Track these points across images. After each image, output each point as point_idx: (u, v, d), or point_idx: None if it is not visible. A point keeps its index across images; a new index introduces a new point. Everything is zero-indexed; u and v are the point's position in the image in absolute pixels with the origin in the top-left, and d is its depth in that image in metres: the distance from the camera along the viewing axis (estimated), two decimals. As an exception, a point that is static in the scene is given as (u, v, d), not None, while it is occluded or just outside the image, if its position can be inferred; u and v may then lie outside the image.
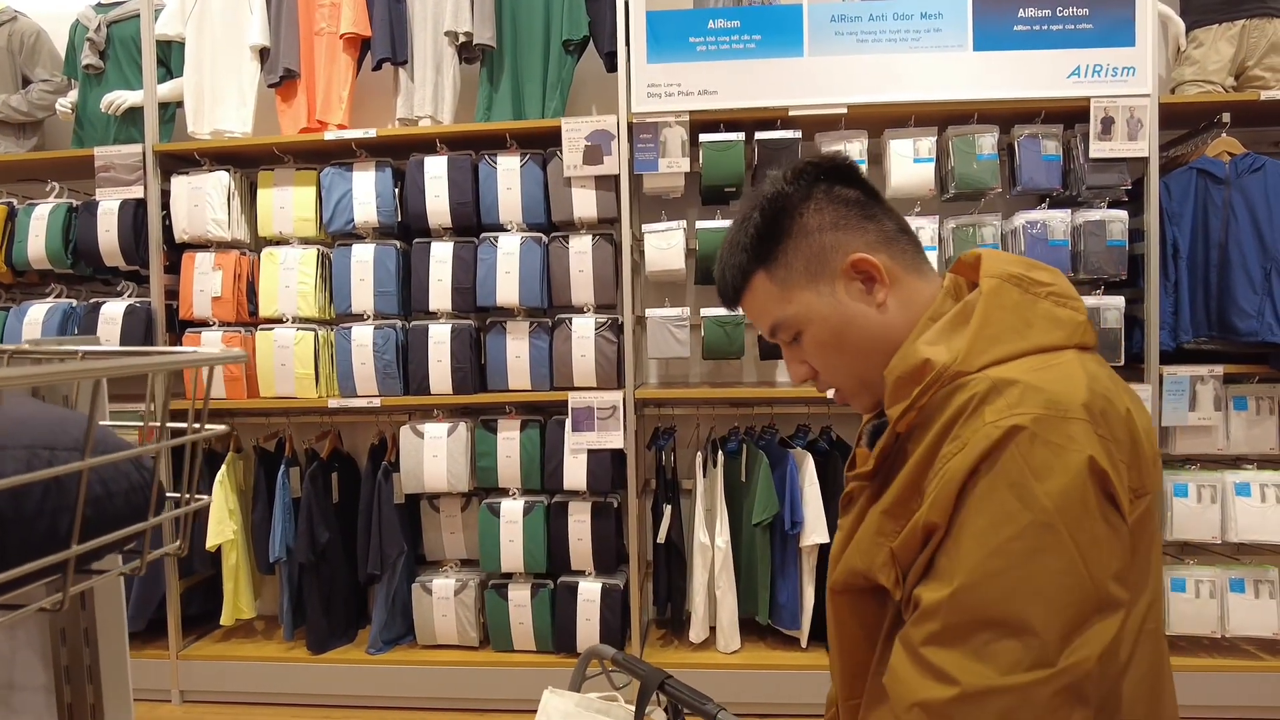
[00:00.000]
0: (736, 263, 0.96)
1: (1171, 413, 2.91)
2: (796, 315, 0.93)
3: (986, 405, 0.74)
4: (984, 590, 0.70)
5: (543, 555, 3.05)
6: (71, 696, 0.63)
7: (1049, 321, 0.82)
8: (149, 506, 0.53)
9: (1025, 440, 0.71)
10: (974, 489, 0.72)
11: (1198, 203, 2.89)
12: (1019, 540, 0.69)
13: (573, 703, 1.22)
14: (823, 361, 0.95)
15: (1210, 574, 2.94)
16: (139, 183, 3.21)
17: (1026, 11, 2.87)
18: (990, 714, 0.68)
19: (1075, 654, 0.68)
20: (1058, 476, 0.70)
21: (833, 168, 0.94)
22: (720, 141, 2.94)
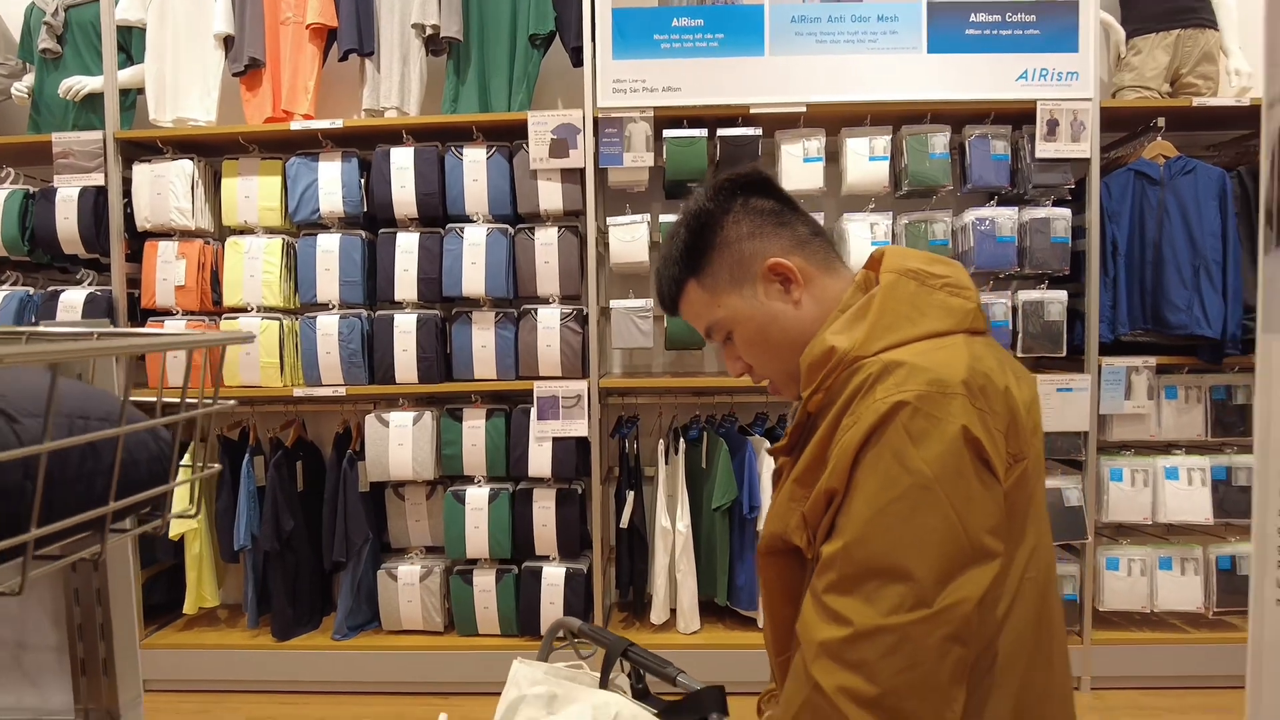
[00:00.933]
0: (670, 274, 1.07)
1: (1109, 401, 3.06)
2: (726, 317, 1.04)
3: (878, 384, 0.84)
4: (872, 544, 0.80)
5: (507, 541, 3.11)
6: (85, 653, 0.68)
7: (941, 310, 0.92)
8: (168, 472, 0.58)
9: (908, 414, 0.81)
10: (865, 457, 0.82)
11: (1135, 202, 3.04)
12: (901, 500, 0.79)
13: (541, 671, 1.29)
14: (753, 357, 1.05)
15: (1141, 553, 3.11)
16: (99, 170, 3.18)
17: (978, 16, 2.99)
18: (878, 650, 0.77)
19: (951, 596, 0.78)
20: (935, 444, 0.80)
21: (750, 181, 1.05)
22: (684, 137, 3.02)
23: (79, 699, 0.68)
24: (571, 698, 1.24)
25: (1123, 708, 3.02)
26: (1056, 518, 3.03)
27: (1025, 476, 0.87)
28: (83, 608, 0.67)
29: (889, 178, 3.06)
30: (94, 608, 0.67)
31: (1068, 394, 3.03)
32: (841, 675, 0.79)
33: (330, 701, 3.12)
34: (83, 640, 0.68)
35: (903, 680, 0.77)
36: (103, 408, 0.56)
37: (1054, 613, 0.94)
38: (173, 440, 0.61)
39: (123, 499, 0.54)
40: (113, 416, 0.52)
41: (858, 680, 0.78)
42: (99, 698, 0.68)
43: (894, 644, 0.78)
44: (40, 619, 0.70)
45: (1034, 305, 3.05)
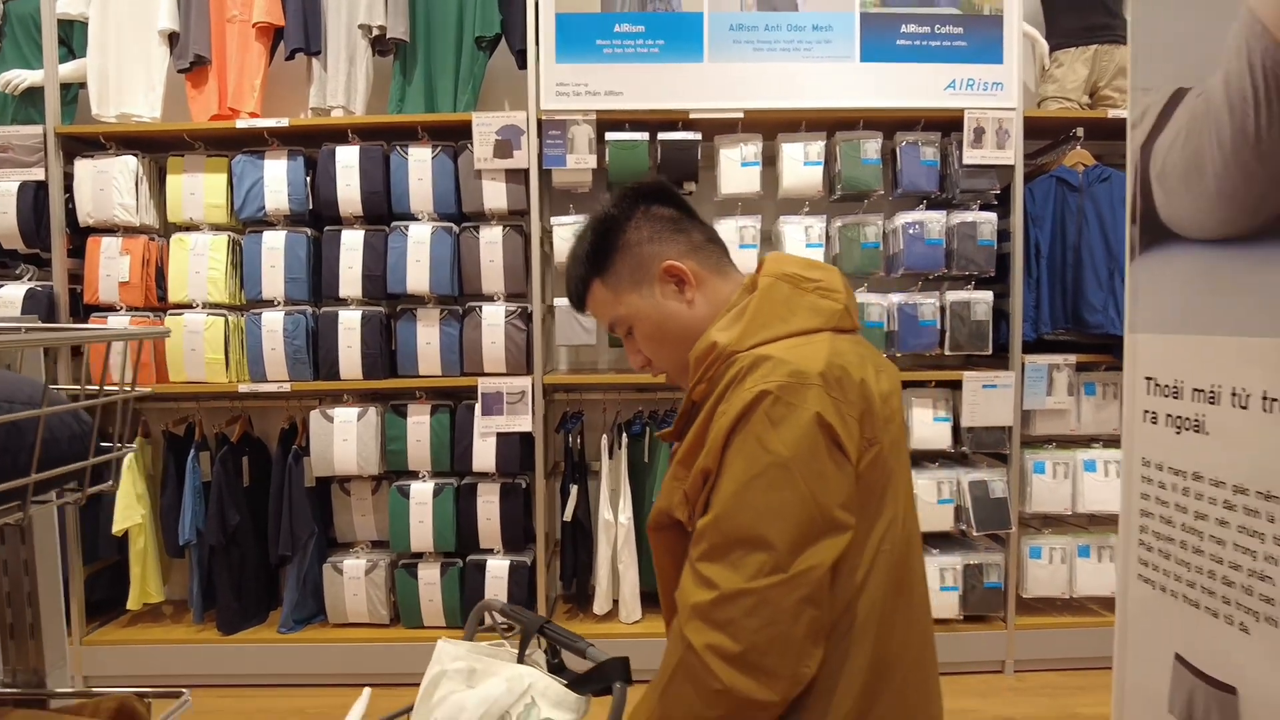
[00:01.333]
0: (578, 274, 1.16)
1: (1032, 397, 3.21)
2: (627, 314, 1.13)
3: (748, 375, 0.94)
4: (737, 516, 0.90)
5: (452, 535, 3.16)
6: (13, 619, 0.74)
7: (810, 310, 1.03)
8: (88, 450, 0.65)
9: (769, 401, 0.91)
10: (734, 440, 0.92)
11: (1056, 208, 3.20)
12: (762, 477, 0.89)
13: (464, 649, 1.36)
14: (652, 351, 1.15)
15: (1062, 542, 3.26)
16: (40, 164, 3.16)
17: (908, 28, 3.11)
18: (740, 610, 0.87)
19: (805, 563, 0.88)
20: (792, 428, 0.90)
21: (652, 191, 1.16)
22: (625, 140, 3.10)
23: (8, 661, 0.74)
24: (490, 672, 1.32)
25: (1042, 688, 3.17)
26: (983, 509, 3.17)
27: (880, 458, 0.97)
28: (10, 577, 0.73)
29: (823, 182, 3.18)
30: (21, 577, 0.73)
31: (993, 390, 3.17)
32: (710, 634, 0.88)
33: (277, 694, 3.15)
34: (10, 607, 0.74)
35: (762, 637, 0.87)
36: (26, 392, 0.62)
37: (914, 579, 1.04)
38: (93, 423, 0.68)
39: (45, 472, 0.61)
40: (35, 400, 0.59)
41: (724, 638, 0.87)
42: (26, 660, 0.74)
43: (754, 605, 0.87)
44: (-33, 588, 0.76)
45: (961, 305, 3.19)
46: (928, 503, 3.17)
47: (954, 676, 3.20)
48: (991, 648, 3.25)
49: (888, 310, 3.20)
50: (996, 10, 3.11)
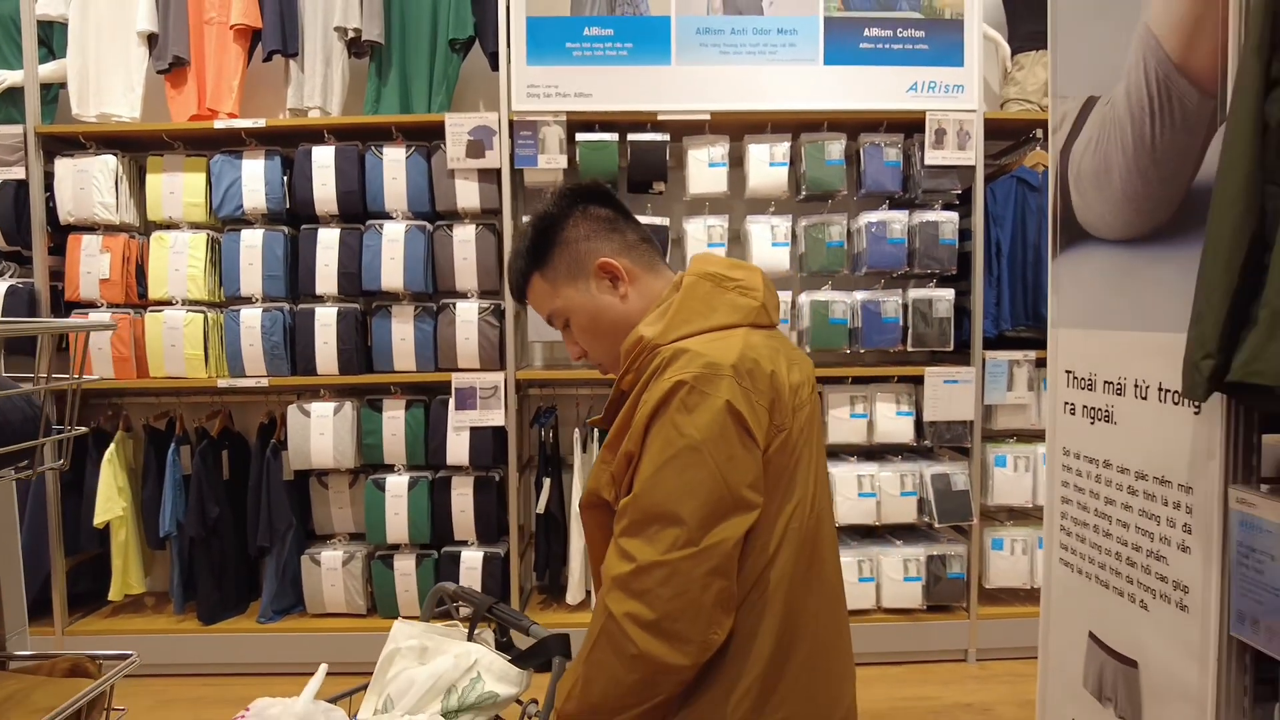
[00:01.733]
0: (519, 267, 1.22)
1: (993, 392, 3.29)
2: (564, 307, 1.19)
3: (668, 367, 1.02)
4: (653, 495, 0.98)
5: (427, 527, 3.24)
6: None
7: (730, 307, 1.11)
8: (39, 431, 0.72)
9: (685, 390, 0.99)
10: (653, 425, 1.00)
11: (1017, 207, 3.28)
12: (676, 459, 0.97)
13: (418, 629, 1.44)
14: (587, 342, 1.22)
15: (1023, 534, 3.35)
16: (20, 163, 3.22)
17: (871, 31, 3.19)
18: (655, 581, 0.95)
19: (715, 537, 0.96)
20: (704, 414, 0.98)
21: (590, 192, 1.23)
22: (595, 141, 3.17)
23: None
24: (440, 650, 1.39)
25: (1003, 675, 3.25)
26: (945, 501, 3.26)
27: (788, 443, 1.05)
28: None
29: (789, 182, 3.25)
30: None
31: (954, 385, 3.26)
32: (628, 603, 0.96)
33: (256, 683, 3.21)
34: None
35: (674, 606, 0.95)
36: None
37: (824, 556, 1.12)
38: (42, 407, 0.75)
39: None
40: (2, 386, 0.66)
41: (640, 607, 0.95)
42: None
43: (667, 576, 0.95)
44: (-69, 561, 0.83)
45: (924, 303, 3.27)
46: (891, 495, 3.26)
47: (918, 665, 3.29)
48: (955, 637, 3.33)
49: (852, 307, 3.28)
50: (957, 14, 3.19)
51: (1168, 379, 1.27)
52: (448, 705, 1.32)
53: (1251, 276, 1.01)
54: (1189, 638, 1.21)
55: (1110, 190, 1.41)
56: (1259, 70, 1.01)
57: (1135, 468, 1.36)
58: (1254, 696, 1.15)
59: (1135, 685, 1.35)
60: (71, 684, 0.78)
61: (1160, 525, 1.29)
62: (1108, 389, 1.44)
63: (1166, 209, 1.28)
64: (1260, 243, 1.01)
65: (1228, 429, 1.14)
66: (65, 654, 0.84)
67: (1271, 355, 0.95)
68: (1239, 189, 1.02)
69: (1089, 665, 1.50)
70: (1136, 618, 1.35)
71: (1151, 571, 1.31)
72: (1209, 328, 1.05)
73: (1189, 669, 1.21)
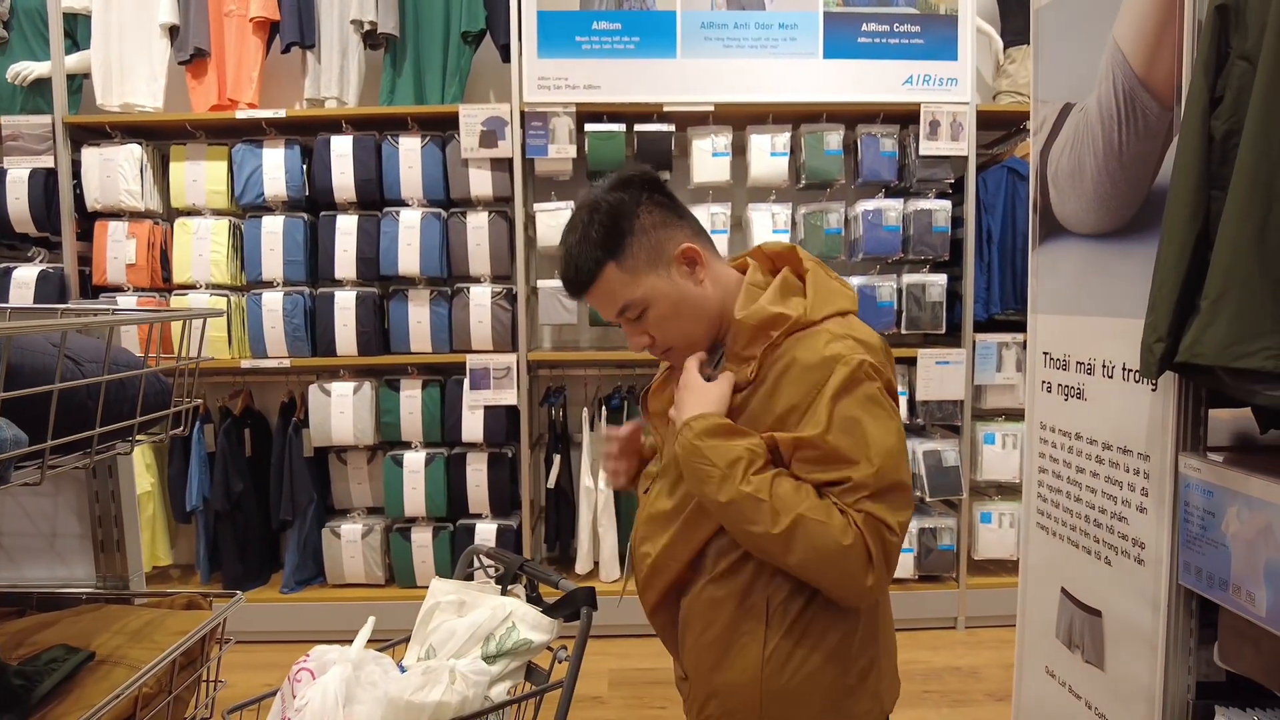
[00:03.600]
0: (592, 257, 1.16)
1: (982, 373, 3.45)
2: (644, 296, 1.17)
3: (836, 344, 1.12)
4: (888, 465, 1.09)
5: (443, 501, 3.40)
6: (104, 536, 0.96)
7: (844, 296, 1.22)
8: (169, 403, 0.87)
9: (870, 368, 1.11)
10: (844, 401, 1.09)
11: (1008, 196, 3.42)
12: (894, 432, 1.11)
13: (455, 585, 1.60)
14: (662, 330, 1.20)
15: (1010, 508, 3.52)
16: (49, 153, 3.34)
17: (868, 26, 3.31)
18: (898, 541, 1.10)
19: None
20: (885, 392, 1.12)
21: (649, 180, 1.22)
22: (603, 131, 3.30)
23: (99, 570, 0.96)
24: (476, 604, 1.55)
25: (990, 641, 3.43)
26: (936, 476, 3.42)
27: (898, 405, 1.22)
28: (101, 504, 0.95)
29: (789, 171, 3.39)
30: (110, 504, 0.95)
31: (946, 366, 3.41)
32: (879, 543, 1.08)
33: (280, 649, 3.37)
34: (102, 527, 0.95)
35: (895, 558, 1.11)
36: (124, 359, 0.84)
37: None
38: (171, 384, 0.90)
39: (143, 417, 0.83)
40: (135, 364, 0.80)
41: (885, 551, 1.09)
42: (114, 569, 0.96)
43: (902, 536, 1.11)
44: (67, 515, 0.98)
45: (917, 288, 3.42)
46: (884, 470, 3.41)
47: (909, 632, 3.47)
48: (945, 605, 3.51)
49: (848, 292, 3.42)
50: (952, 10, 3.31)
51: (1130, 360, 1.42)
52: (486, 651, 1.48)
53: (1197, 271, 1.16)
54: (1145, 588, 1.37)
55: (1083, 190, 1.56)
56: (1205, 87, 1.16)
57: (1102, 439, 1.52)
58: (1198, 638, 1.31)
59: (1099, 633, 1.52)
60: (192, 615, 0.93)
61: (1122, 490, 1.45)
62: (1079, 369, 1.60)
63: (1131, 208, 1.43)
64: (1205, 241, 1.16)
65: (1179, 404, 1.30)
66: (182, 591, 0.99)
67: (1210, 339, 1.11)
68: (1188, 193, 1.17)
69: (1060, 617, 1.67)
70: (1101, 573, 1.51)
71: (1114, 531, 1.47)
72: (1161, 315, 1.20)
73: (1144, 616, 1.37)
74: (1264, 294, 1.05)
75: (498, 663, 1.47)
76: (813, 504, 1.08)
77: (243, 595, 1.00)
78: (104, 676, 0.87)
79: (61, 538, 0.96)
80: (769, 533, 1.07)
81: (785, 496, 1.07)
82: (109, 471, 0.95)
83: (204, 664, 0.95)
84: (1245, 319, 1.07)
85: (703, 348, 1.23)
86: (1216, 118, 1.14)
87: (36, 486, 0.66)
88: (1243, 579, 1.13)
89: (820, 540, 1.06)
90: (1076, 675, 1.60)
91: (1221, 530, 1.18)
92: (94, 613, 0.97)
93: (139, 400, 0.81)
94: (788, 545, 1.07)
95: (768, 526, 1.06)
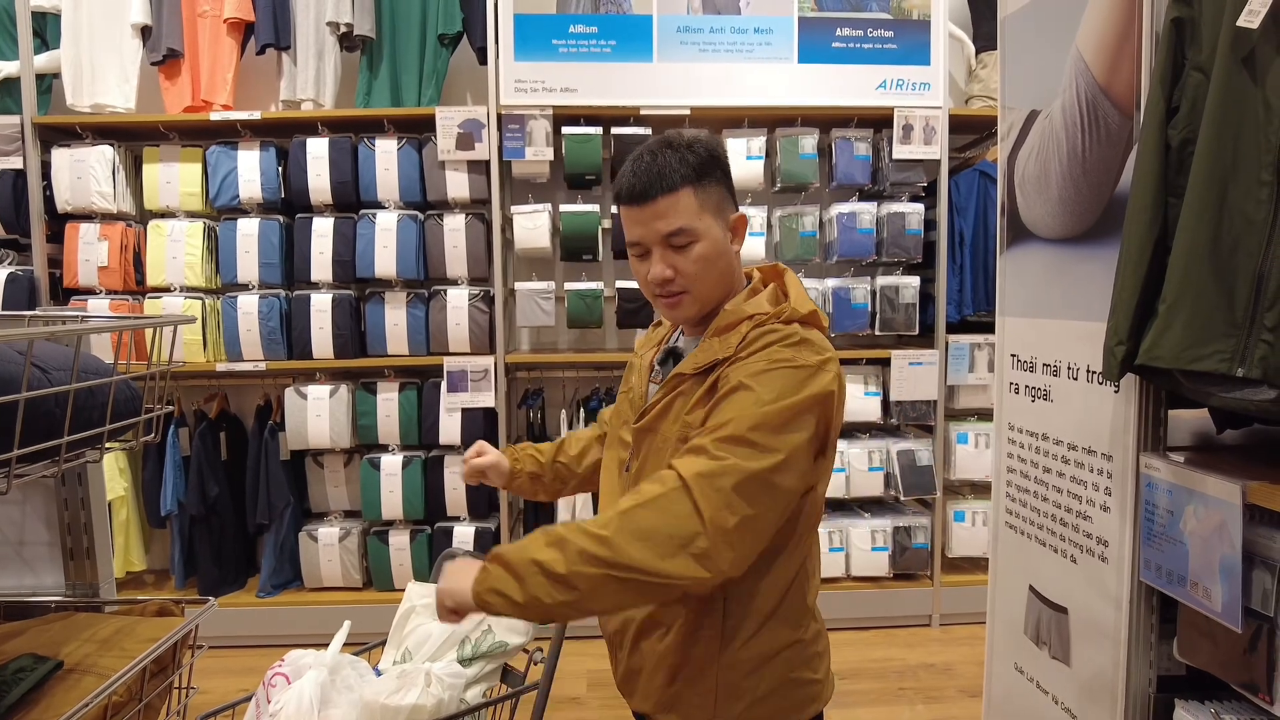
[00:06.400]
0: (678, 172, 1.17)
1: (955, 374, 3.50)
2: (700, 229, 1.18)
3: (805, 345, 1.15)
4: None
5: (420, 504, 3.39)
6: (73, 544, 0.96)
7: (814, 305, 1.23)
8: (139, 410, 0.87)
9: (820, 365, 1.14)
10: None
11: (979, 199, 3.46)
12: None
13: (431, 589, 1.60)
14: (694, 270, 1.20)
15: (984, 506, 3.57)
16: (18, 153, 3.30)
17: (842, 31, 3.35)
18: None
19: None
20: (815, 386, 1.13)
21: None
22: (580, 134, 3.31)
23: (69, 577, 0.96)
24: (452, 607, 1.55)
25: (964, 638, 3.48)
26: (911, 475, 3.46)
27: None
28: (71, 511, 0.95)
29: (765, 175, 3.42)
30: (79, 511, 0.95)
31: (919, 367, 3.45)
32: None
33: (258, 654, 3.36)
34: (72, 535, 0.95)
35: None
36: (94, 365, 0.84)
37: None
38: (142, 390, 0.90)
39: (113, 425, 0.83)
40: (105, 371, 0.80)
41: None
42: (84, 576, 0.96)
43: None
44: (35, 523, 0.98)
45: (891, 289, 3.46)
46: (860, 470, 3.46)
47: (884, 630, 3.51)
48: (919, 603, 3.55)
49: (823, 294, 3.46)
50: (925, 15, 3.36)
51: (1094, 362, 1.45)
52: (462, 654, 1.49)
53: (1156, 275, 1.19)
54: (1108, 585, 1.40)
55: (1049, 195, 1.59)
56: (1162, 97, 1.19)
57: (1067, 439, 1.55)
58: (1159, 633, 1.34)
59: (1065, 629, 1.55)
60: (163, 622, 0.93)
61: (1087, 489, 1.48)
62: (1046, 370, 1.63)
63: (1094, 214, 1.46)
64: (1163, 246, 1.19)
65: (1140, 405, 1.33)
66: (153, 599, 0.99)
67: (1167, 343, 1.14)
68: (1147, 200, 1.20)
69: (1029, 615, 1.70)
70: (1067, 570, 1.54)
71: (1079, 530, 1.50)
72: (1121, 319, 1.23)
73: (1108, 612, 1.40)
74: (1217, 299, 1.08)
75: (473, 665, 1.48)
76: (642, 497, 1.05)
77: (215, 601, 1.00)
78: (73, 685, 0.87)
79: (29, 545, 0.96)
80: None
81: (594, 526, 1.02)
82: (78, 479, 0.95)
83: (176, 671, 0.95)
84: (1199, 323, 1.10)
85: (706, 309, 1.24)
86: (1173, 127, 1.18)
87: (3, 495, 0.66)
88: (1200, 575, 1.16)
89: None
90: (1044, 671, 1.63)
91: (1180, 528, 1.21)
92: (63, 621, 0.97)
93: (109, 407, 0.81)
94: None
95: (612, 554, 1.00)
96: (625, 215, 1.22)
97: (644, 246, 1.21)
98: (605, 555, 0.98)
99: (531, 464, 1.58)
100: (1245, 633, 1.09)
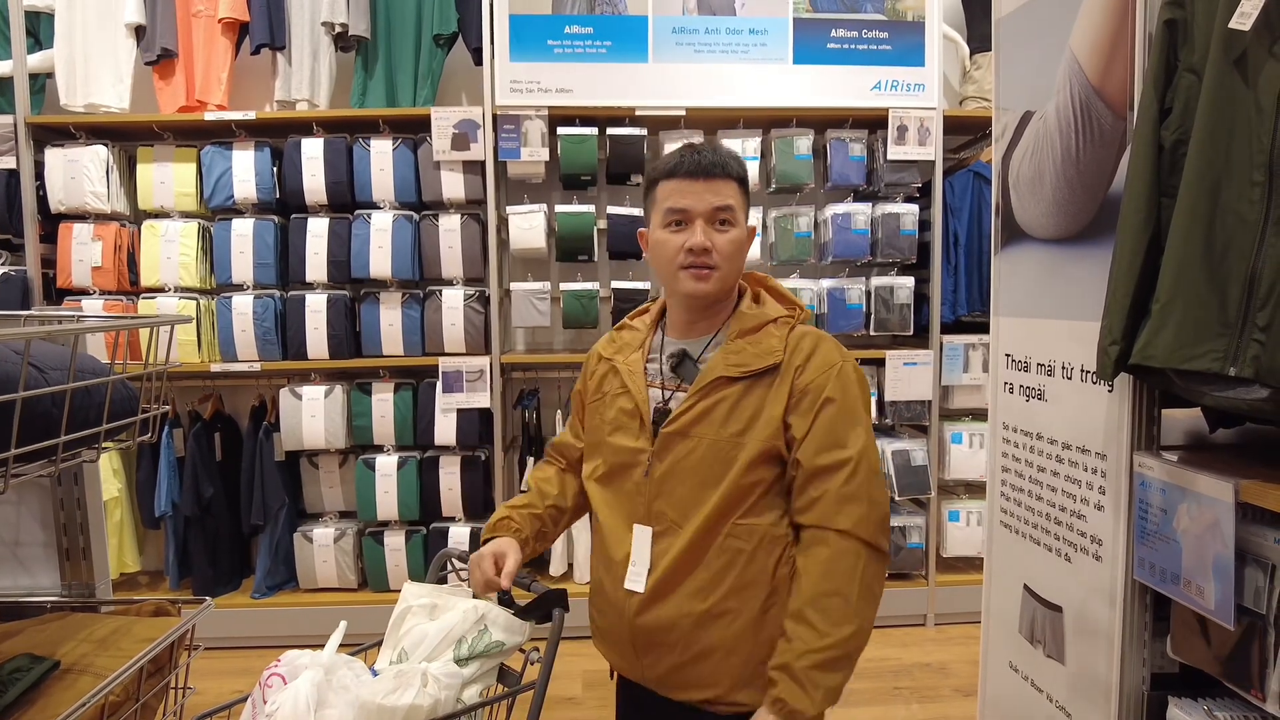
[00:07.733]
0: (733, 166, 1.33)
1: (949, 374, 3.51)
2: (739, 218, 1.33)
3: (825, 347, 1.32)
4: (871, 454, 1.30)
5: (415, 504, 3.39)
6: (69, 544, 0.95)
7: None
8: (136, 410, 0.87)
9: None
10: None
11: (974, 199, 3.47)
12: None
13: (426, 588, 1.60)
14: (727, 251, 1.30)
15: (977, 506, 3.57)
16: (10, 153, 3.28)
17: (837, 32, 3.36)
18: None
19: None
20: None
21: None
22: (576, 135, 3.31)
23: (65, 578, 0.96)
24: (448, 606, 1.55)
25: (959, 637, 3.49)
26: (905, 475, 3.47)
27: None
28: (67, 511, 0.95)
29: (760, 175, 3.43)
30: (75, 511, 0.95)
31: (914, 367, 3.46)
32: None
33: (253, 655, 3.35)
34: (68, 535, 0.95)
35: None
36: (91, 365, 0.84)
37: None
38: (138, 390, 0.90)
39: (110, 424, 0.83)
40: (101, 371, 0.80)
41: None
42: (80, 576, 0.95)
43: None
44: (30, 523, 0.97)
45: (886, 290, 3.47)
46: (855, 470, 3.46)
47: (880, 629, 3.49)
48: (914, 603, 3.56)
49: (818, 294, 3.47)
50: (919, 17, 3.37)
51: (1088, 362, 1.46)
52: (458, 654, 1.48)
53: (1149, 275, 1.20)
54: (1102, 584, 1.41)
55: (1043, 196, 1.60)
56: (1155, 98, 1.20)
57: (1062, 439, 1.56)
58: (1153, 631, 1.35)
59: (1060, 628, 1.56)
60: (160, 622, 0.93)
61: (1081, 488, 1.49)
62: (1040, 370, 1.64)
63: (1087, 214, 1.47)
64: (1157, 247, 1.20)
65: (1134, 405, 1.34)
66: (150, 598, 0.99)
67: (1160, 342, 1.15)
68: (1140, 201, 1.21)
69: (1023, 614, 1.71)
70: (1062, 569, 1.55)
71: (1074, 529, 1.51)
72: (1115, 319, 1.24)
73: (1102, 610, 1.41)
74: (1210, 299, 1.09)
75: (470, 665, 1.48)
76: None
77: (212, 601, 1.00)
78: (70, 685, 0.87)
79: (25, 546, 0.96)
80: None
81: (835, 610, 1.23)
82: (74, 479, 0.95)
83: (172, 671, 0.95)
84: (1193, 323, 1.11)
85: (723, 293, 1.35)
86: (1166, 128, 1.18)
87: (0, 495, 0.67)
88: (1193, 573, 1.17)
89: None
90: (1039, 669, 1.64)
91: (1173, 526, 1.22)
92: (59, 621, 0.97)
93: (105, 407, 0.81)
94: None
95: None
96: (675, 188, 1.29)
97: (688, 216, 1.29)
98: (860, 631, 1.24)
99: (530, 525, 1.58)
100: (1238, 630, 1.10)
